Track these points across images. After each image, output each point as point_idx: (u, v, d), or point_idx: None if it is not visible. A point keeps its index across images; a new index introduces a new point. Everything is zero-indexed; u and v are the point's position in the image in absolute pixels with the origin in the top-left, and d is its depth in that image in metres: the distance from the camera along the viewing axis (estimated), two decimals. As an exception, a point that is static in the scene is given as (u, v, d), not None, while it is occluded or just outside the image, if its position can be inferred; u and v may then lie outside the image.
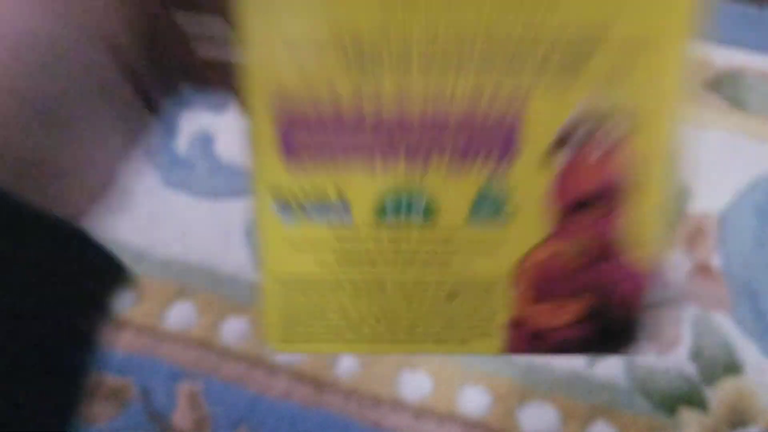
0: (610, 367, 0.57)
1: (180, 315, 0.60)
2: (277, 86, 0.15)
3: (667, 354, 0.57)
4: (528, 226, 0.17)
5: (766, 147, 0.65)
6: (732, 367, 0.57)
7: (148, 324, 0.60)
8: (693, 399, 0.56)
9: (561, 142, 0.16)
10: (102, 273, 0.18)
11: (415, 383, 0.56)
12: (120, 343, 0.59)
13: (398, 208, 0.17)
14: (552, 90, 0.15)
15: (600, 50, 0.15)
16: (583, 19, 0.15)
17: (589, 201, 0.17)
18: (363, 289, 0.17)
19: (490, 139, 0.16)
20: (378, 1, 0.14)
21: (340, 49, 0.15)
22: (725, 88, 0.68)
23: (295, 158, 0.16)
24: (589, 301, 0.18)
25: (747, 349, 0.57)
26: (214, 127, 0.69)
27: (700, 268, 0.60)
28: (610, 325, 0.18)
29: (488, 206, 0.17)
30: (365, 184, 0.16)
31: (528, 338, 0.18)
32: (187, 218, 0.64)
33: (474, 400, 0.56)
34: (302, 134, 0.16)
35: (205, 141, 0.68)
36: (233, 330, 0.59)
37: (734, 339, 0.58)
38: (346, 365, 0.57)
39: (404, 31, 0.15)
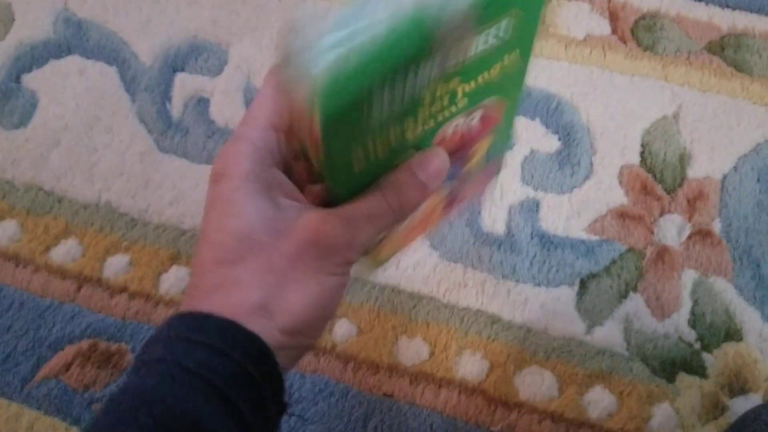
0: (608, 333, 0.56)
1: (174, 280, 0.59)
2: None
3: (666, 319, 0.57)
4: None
5: (770, 111, 0.63)
6: (732, 333, 0.56)
7: (142, 290, 0.59)
8: (692, 365, 0.55)
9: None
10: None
11: (413, 350, 0.56)
12: (114, 309, 0.58)
13: None
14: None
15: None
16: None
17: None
18: None
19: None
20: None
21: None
22: (729, 51, 0.66)
23: None
24: None
25: (748, 316, 0.56)
26: (209, 90, 0.67)
27: (702, 233, 0.59)
28: None
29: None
30: None
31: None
32: (182, 183, 0.63)
33: (471, 367, 0.55)
34: None
35: (200, 104, 0.67)
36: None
37: (735, 305, 0.57)
38: (344, 331, 0.57)
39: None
